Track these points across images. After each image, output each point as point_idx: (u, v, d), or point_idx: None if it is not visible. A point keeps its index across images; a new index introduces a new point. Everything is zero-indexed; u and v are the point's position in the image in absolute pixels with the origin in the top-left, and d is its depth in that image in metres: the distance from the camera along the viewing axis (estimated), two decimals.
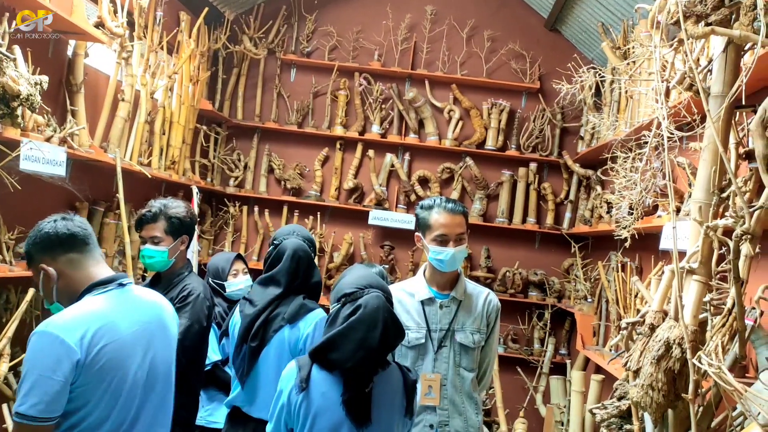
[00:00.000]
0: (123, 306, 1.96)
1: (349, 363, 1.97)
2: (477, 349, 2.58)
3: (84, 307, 1.88)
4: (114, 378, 1.87)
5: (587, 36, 5.31)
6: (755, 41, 1.78)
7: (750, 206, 1.78)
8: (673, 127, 2.13)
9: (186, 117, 4.75)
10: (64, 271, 1.93)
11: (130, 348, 1.93)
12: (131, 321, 1.96)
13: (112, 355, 1.86)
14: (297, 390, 1.98)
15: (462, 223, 2.55)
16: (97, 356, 1.81)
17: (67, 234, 1.93)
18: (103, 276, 1.97)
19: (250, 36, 5.71)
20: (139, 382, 1.95)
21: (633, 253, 3.91)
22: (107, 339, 1.85)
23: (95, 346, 1.81)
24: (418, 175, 5.66)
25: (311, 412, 1.97)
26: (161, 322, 2.10)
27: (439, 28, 5.72)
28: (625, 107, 4.25)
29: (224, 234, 5.74)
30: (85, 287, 1.93)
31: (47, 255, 1.92)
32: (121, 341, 1.89)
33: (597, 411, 2.31)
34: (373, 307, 2.01)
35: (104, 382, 1.84)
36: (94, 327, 1.83)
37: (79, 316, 1.84)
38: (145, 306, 2.06)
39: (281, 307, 2.80)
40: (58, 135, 3.13)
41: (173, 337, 2.16)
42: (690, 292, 1.96)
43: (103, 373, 1.83)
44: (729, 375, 1.69)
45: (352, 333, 1.98)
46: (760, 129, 1.75)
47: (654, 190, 2.94)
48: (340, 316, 2.03)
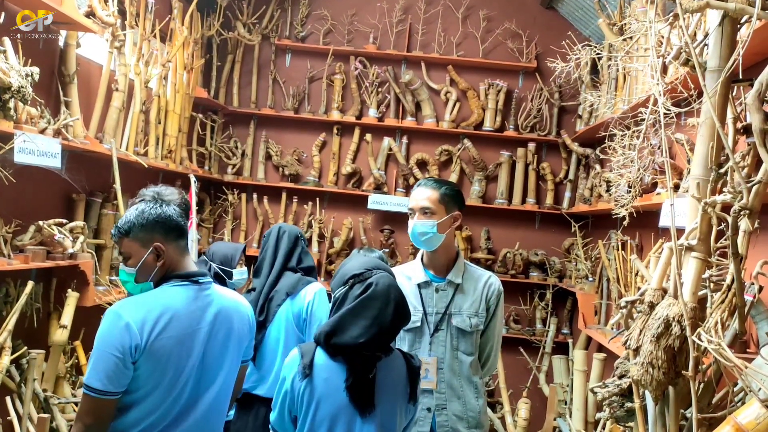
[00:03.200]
0: (193, 303, 2.03)
1: (363, 338, 1.96)
2: (475, 333, 2.56)
3: (156, 295, 2.00)
4: (168, 370, 1.95)
5: (583, 13, 5.26)
6: (751, 14, 1.76)
7: (748, 181, 1.76)
8: (669, 103, 2.11)
9: (181, 105, 4.72)
10: (170, 255, 2.05)
11: (189, 346, 2.00)
12: (196, 320, 2.03)
13: (170, 349, 1.94)
14: (300, 377, 1.97)
15: (429, 197, 2.52)
16: (156, 345, 1.91)
17: (179, 223, 2.08)
18: (187, 270, 2.08)
19: (244, 22, 5.66)
20: (192, 381, 2.01)
21: (633, 231, 3.90)
22: (169, 332, 1.94)
23: (156, 336, 1.91)
24: (416, 158, 5.64)
25: (314, 399, 1.97)
26: (231, 328, 2.14)
27: (434, 9, 5.67)
28: (622, 85, 4.22)
29: (223, 222, 5.73)
30: (168, 276, 2.05)
31: (163, 236, 2.04)
32: (181, 337, 1.97)
33: (598, 390, 2.31)
34: (385, 285, 2.03)
35: (158, 373, 1.93)
36: (159, 317, 1.93)
37: (149, 303, 1.96)
38: (217, 309, 2.10)
39: (280, 283, 2.92)
40: (52, 127, 3.11)
41: (240, 345, 2.19)
42: (689, 268, 1.95)
43: (160, 363, 1.93)
44: (729, 351, 1.68)
45: (365, 310, 1.98)
46: (757, 103, 1.73)
47: (652, 167, 2.92)
48: (349, 297, 2.02)
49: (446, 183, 2.62)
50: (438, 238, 2.53)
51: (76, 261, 3.39)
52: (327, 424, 1.97)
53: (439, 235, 2.52)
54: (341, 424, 1.97)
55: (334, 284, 2.12)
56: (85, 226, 3.53)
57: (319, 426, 1.97)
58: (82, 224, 3.48)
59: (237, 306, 2.21)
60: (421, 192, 2.55)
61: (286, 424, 2.04)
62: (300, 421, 2.00)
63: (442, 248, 2.57)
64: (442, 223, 2.51)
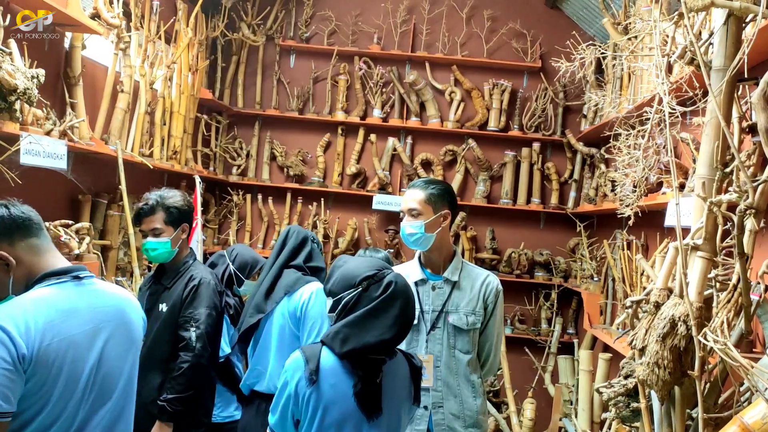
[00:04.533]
0: (76, 301, 1.79)
1: (387, 335, 1.95)
2: (472, 331, 2.56)
3: (32, 298, 1.72)
4: (61, 377, 1.70)
5: (588, 12, 5.25)
6: (756, 13, 1.75)
7: (754, 180, 1.76)
8: (675, 102, 2.10)
9: (186, 106, 4.73)
10: (23, 258, 1.77)
11: (82, 348, 1.76)
12: (84, 319, 1.79)
13: (60, 354, 1.69)
14: (308, 383, 1.94)
15: (415, 198, 2.53)
16: (45, 352, 1.66)
17: (25, 218, 1.79)
18: (59, 266, 1.81)
19: (248, 23, 5.67)
20: (92, 386, 1.78)
21: (638, 231, 3.89)
22: (55, 335, 1.69)
23: (42, 342, 1.65)
24: (420, 159, 5.63)
25: (321, 405, 1.94)
26: (123, 323, 1.91)
27: (438, 9, 5.67)
28: (627, 84, 4.21)
29: (228, 222, 5.74)
30: (38, 277, 1.78)
31: (5, 241, 1.75)
32: (70, 339, 1.73)
33: (604, 390, 2.30)
34: (403, 283, 2.03)
35: (49, 384, 1.68)
36: (42, 320, 1.67)
37: (26, 307, 1.68)
38: (103, 304, 1.87)
39: (281, 281, 2.93)
40: (57, 128, 3.12)
41: (137, 339, 1.97)
42: (695, 268, 1.95)
43: (51, 371, 1.67)
44: (735, 351, 1.68)
45: (388, 309, 1.97)
46: (763, 102, 1.72)
47: (658, 166, 2.92)
48: (364, 298, 1.98)
49: (435, 183, 2.60)
50: (428, 238, 2.54)
51: (82, 262, 3.40)
52: (334, 430, 1.94)
53: (428, 235, 2.53)
54: (348, 429, 1.95)
55: (336, 287, 2.04)
56: (91, 227, 3.54)
57: (326, 431, 1.95)
58: (88, 225, 3.49)
59: (127, 300, 1.98)
60: (409, 194, 2.57)
61: (287, 428, 2.00)
62: (305, 426, 1.97)
63: (436, 247, 2.58)
64: (430, 223, 2.52)
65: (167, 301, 2.86)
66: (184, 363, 2.73)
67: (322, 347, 2.00)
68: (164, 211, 2.88)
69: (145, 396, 2.61)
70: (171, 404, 2.70)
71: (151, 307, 2.86)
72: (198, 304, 2.81)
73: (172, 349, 2.78)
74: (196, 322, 2.78)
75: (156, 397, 2.73)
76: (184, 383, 2.72)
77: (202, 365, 2.77)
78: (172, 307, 2.83)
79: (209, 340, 2.81)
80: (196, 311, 2.80)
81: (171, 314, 2.82)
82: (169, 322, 2.82)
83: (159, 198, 2.90)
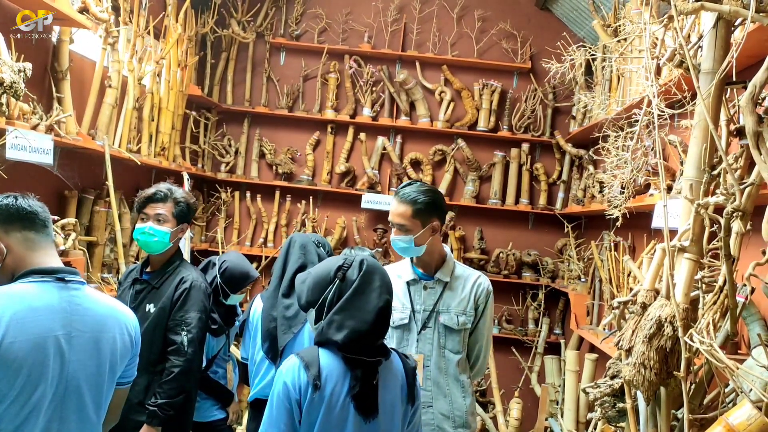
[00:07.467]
0: (55, 303, 1.72)
1: (381, 302, 1.94)
2: (462, 332, 2.57)
3: (6, 290, 1.68)
4: (17, 382, 1.62)
5: (578, 14, 5.27)
6: (745, 16, 1.77)
7: (741, 183, 1.77)
8: (663, 104, 2.11)
9: (175, 103, 4.70)
10: (14, 248, 1.75)
11: (49, 353, 1.67)
12: (56, 322, 1.71)
13: (21, 354, 1.62)
14: (312, 390, 1.90)
15: (402, 214, 2.49)
16: (7, 350, 1.59)
17: (29, 211, 1.79)
18: (48, 266, 1.78)
19: (238, 19, 5.64)
20: (53, 395, 1.69)
21: (626, 232, 3.91)
22: (19, 333, 1.62)
23: (5, 338, 1.60)
24: (410, 158, 5.64)
25: (322, 409, 1.91)
26: (101, 339, 1.82)
27: (428, 9, 5.67)
28: (616, 86, 4.23)
29: (216, 220, 5.72)
30: (23, 272, 1.75)
31: (1, 228, 1.75)
32: (35, 340, 1.65)
33: (590, 390, 2.32)
34: (371, 259, 2.02)
35: (4, 384, 1.60)
36: (8, 313, 1.62)
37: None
38: (83, 311, 1.79)
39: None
40: (44, 123, 3.08)
41: (114, 361, 1.86)
42: (681, 270, 1.96)
43: (8, 372, 1.60)
44: (720, 352, 1.69)
45: (371, 283, 1.96)
46: (751, 105, 1.73)
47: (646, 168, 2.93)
48: (345, 284, 1.96)
49: (422, 193, 2.51)
50: (418, 249, 2.54)
51: (67, 258, 3.36)
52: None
53: (418, 247, 2.53)
54: (345, 431, 1.92)
55: (312, 296, 2.00)
56: (77, 223, 3.51)
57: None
58: (74, 221, 3.46)
59: (114, 314, 1.88)
60: (395, 207, 2.52)
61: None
62: (305, 430, 1.93)
63: (428, 252, 2.57)
64: (419, 237, 2.51)
65: (155, 301, 2.81)
66: (175, 367, 2.69)
67: (318, 350, 1.97)
68: (174, 203, 2.89)
69: (132, 397, 2.57)
70: (162, 409, 2.66)
71: (136, 306, 2.81)
72: (189, 307, 2.78)
73: (161, 352, 2.75)
74: (187, 326, 2.75)
75: (142, 399, 2.71)
76: (176, 388, 2.69)
77: (193, 370, 2.75)
78: (161, 308, 2.79)
79: (201, 343, 2.80)
80: (187, 315, 2.77)
81: (160, 316, 2.78)
82: (157, 323, 2.78)
83: (170, 190, 2.91)
